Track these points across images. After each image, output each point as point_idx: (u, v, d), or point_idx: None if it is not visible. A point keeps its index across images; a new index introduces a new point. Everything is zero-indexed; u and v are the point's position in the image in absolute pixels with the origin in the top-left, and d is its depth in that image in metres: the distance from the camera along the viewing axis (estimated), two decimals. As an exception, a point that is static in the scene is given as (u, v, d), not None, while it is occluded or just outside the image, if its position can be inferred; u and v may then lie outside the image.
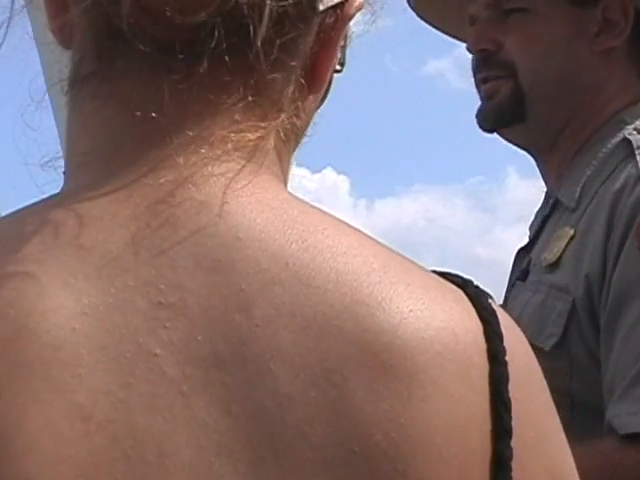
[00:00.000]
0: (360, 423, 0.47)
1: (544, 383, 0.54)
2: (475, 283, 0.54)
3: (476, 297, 0.53)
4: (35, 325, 0.46)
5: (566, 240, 1.19)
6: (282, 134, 0.55)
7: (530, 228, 1.35)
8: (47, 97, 0.56)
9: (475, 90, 1.32)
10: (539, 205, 1.36)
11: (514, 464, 0.50)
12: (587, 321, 1.13)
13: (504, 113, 1.28)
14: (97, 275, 0.48)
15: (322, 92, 0.58)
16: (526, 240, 1.34)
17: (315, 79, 0.57)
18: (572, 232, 1.19)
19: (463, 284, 0.54)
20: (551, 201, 1.30)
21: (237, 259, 0.49)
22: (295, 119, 0.56)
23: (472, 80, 1.32)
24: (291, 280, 0.49)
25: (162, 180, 0.51)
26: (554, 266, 1.19)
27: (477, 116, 1.31)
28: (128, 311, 0.48)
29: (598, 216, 1.16)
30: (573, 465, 0.55)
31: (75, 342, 0.46)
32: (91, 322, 0.47)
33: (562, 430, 0.55)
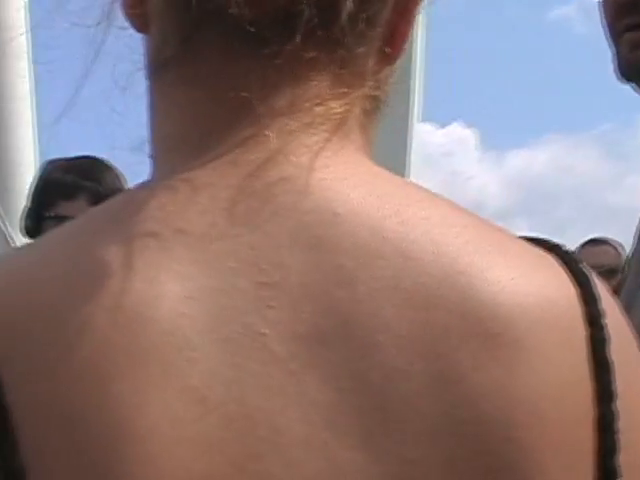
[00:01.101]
0: (468, 392, 0.47)
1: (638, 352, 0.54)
2: (565, 248, 0.54)
3: (568, 262, 0.53)
4: (145, 311, 0.47)
5: None
6: (366, 107, 0.56)
7: None
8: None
9: (603, 36, 1.18)
10: None
11: (620, 425, 0.50)
12: None
13: None
14: (199, 259, 0.49)
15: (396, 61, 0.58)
16: None
17: (393, 50, 0.57)
18: None
19: (553, 249, 0.54)
20: None
21: (336, 235, 0.49)
22: (376, 91, 0.56)
23: (600, 26, 1.19)
24: (391, 254, 0.49)
25: (250, 156, 0.51)
26: None
27: (617, 65, 1.17)
28: (232, 293, 0.48)
29: None
30: None
31: (184, 327, 0.47)
32: (197, 306, 0.48)
33: None
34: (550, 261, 0.53)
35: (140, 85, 0.56)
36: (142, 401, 0.46)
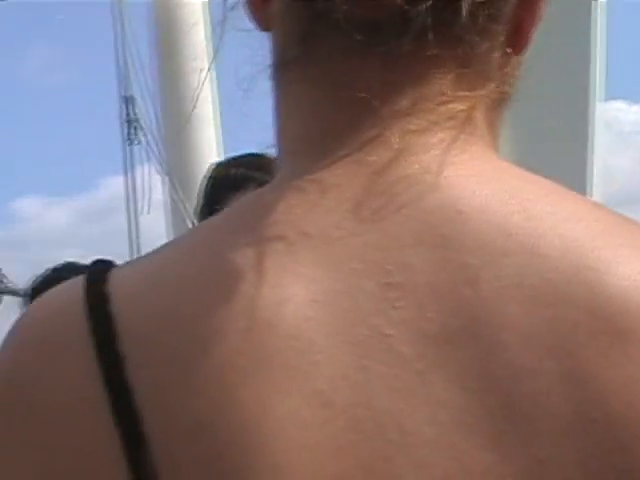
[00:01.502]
0: (598, 391, 0.46)
1: None
2: None
3: None
4: (271, 316, 0.48)
5: None
6: (491, 103, 0.55)
7: None
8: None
9: None
10: None
11: None
12: None
13: None
14: (324, 261, 0.49)
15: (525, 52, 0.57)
16: None
17: (520, 41, 0.56)
18: None
19: None
20: None
21: (460, 233, 0.49)
22: (503, 86, 0.56)
23: None
24: (516, 250, 0.48)
25: (375, 157, 0.51)
26: None
27: None
28: (357, 295, 0.48)
29: None
30: None
31: (310, 330, 0.48)
32: (323, 309, 0.48)
33: None
34: None
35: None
36: (267, 407, 0.46)
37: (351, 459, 0.46)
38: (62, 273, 2.22)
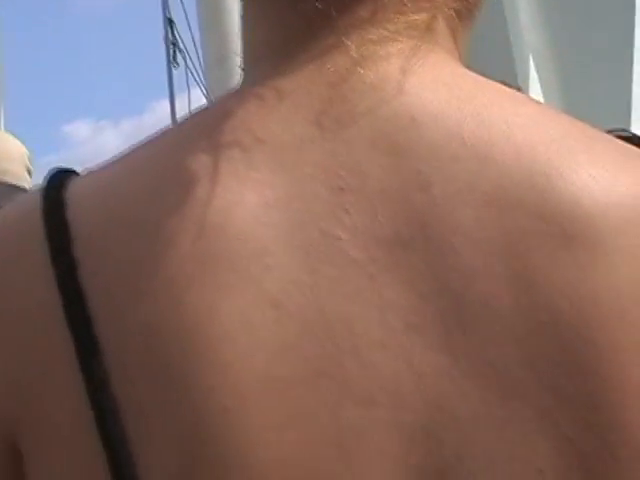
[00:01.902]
0: (547, 293, 0.46)
1: None
2: None
3: None
4: (222, 220, 0.48)
5: None
6: (455, 13, 0.55)
7: None
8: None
9: None
10: None
11: None
12: None
13: None
14: (278, 167, 0.49)
15: None
16: None
17: None
18: None
19: None
20: None
21: (414, 140, 0.49)
22: None
23: None
24: (468, 156, 0.48)
25: (333, 65, 0.52)
26: None
27: None
28: (310, 199, 0.49)
29: None
30: None
31: (260, 234, 0.48)
32: (274, 213, 0.48)
33: None
34: None
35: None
36: (214, 307, 0.46)
37: (300, 361, 0.46)
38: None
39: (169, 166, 0.50)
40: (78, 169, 0.55)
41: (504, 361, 0.46)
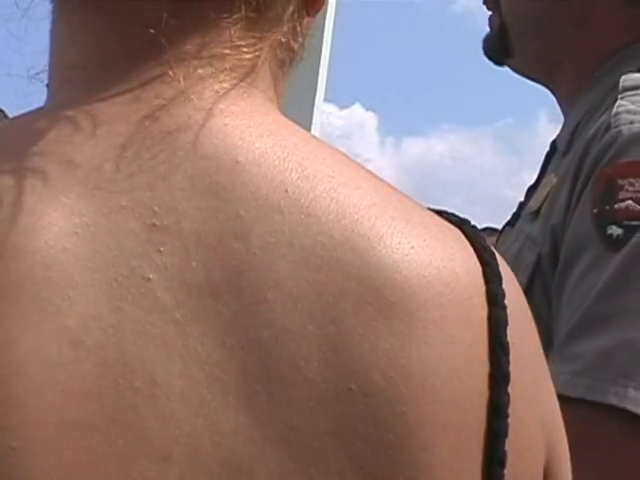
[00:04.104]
0: (358, 360, 0.45)
1: (535, 329, 0.53)
2: (472, 223, 0.53)
3: (474, 237, 0.51)
4: (26, 243, 0.44)
5: (548, 188, 1.12)
6: (278, 56, 0.54)
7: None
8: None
9: None
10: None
11: (510, 411, 0.48)
12: (550, 273, 1.07)
13: (493, 47, 1.26)
14: (89, 195, 0.46)
15: (316, 15, 0.57)
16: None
17: (315, 3, 0.55)
18: (555, 180, 1.11)
19: (460, 223, 0.52)
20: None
21: (235, 183, 0.47)
22: (292, 41, 0.55)
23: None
24: (291, 208, 0.47)
25: (155, 95, 0.49)
26: (534, 215, 1.13)
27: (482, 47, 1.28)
28: (121, 233, 0.45)
29: (572, 164, 1.07)
30: (559, 413, 0.54)
31: (66, 262, 0.44)
32: (82, 243, 0.45)
33: (550, 377, 0.53)
34: (457, 234, 0.51)
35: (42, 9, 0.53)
36: (12, 340, 0.43)
37: (95, 405, 0.43)
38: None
39: None
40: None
41: (308, 427, 0.44)
